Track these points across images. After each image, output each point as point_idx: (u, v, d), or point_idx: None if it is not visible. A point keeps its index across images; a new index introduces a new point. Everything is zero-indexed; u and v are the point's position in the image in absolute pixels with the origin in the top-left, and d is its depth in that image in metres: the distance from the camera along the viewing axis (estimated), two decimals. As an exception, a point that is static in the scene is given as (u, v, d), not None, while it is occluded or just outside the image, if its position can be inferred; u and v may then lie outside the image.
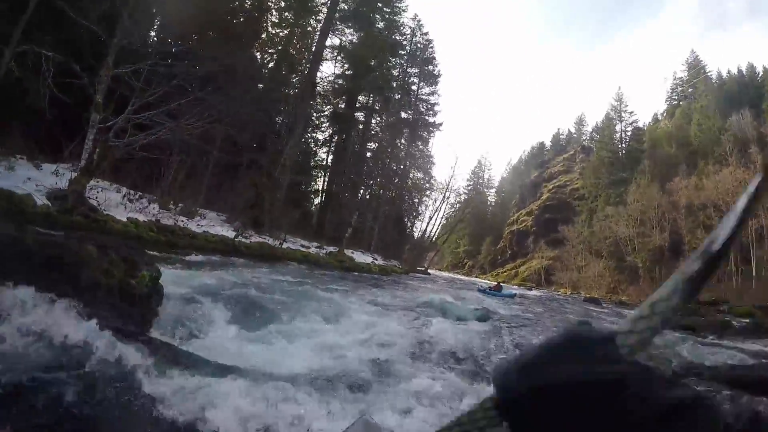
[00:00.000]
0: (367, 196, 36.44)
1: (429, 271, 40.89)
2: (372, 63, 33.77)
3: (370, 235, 34.52)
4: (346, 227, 28.22)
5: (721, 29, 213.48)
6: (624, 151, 59.43)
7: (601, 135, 65.47)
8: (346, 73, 35.43)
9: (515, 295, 22.04)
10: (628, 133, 61.63)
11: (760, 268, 34.96)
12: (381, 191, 38.23)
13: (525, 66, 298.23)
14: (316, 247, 23.17)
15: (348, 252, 25.05)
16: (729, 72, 61.41)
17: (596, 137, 73.82)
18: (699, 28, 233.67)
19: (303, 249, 20.74)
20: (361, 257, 26.03)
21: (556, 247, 61.25)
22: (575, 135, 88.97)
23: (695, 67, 67.05)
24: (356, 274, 19.31)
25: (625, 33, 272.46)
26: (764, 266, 34.40)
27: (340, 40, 34.30)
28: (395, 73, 40.08)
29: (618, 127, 62.77)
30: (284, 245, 19.78)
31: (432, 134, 43.98)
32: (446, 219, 46.17)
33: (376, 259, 29.43)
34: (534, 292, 35.95)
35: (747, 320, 18.20)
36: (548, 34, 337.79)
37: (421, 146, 43.60)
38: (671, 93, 71.56)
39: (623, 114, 62.78)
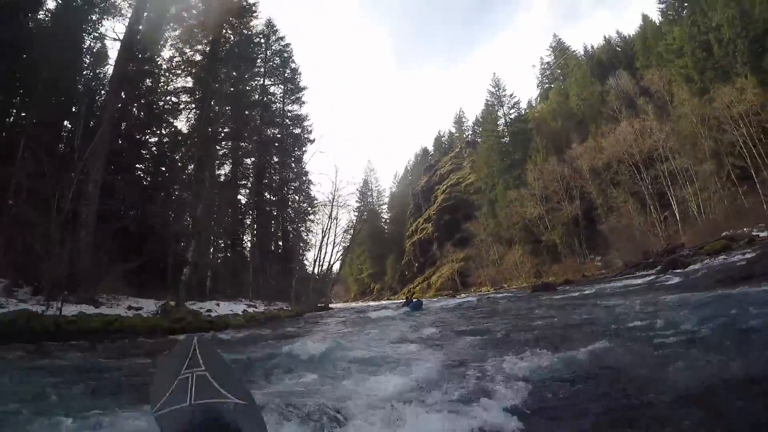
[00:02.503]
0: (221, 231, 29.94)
1: (331, 306, 35.55)
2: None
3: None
4: (185, 269, 19.63)
5: (575, 19, 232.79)
6: (511, 135, 57.89)
7: (485, 123, 63.93)
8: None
9: (421, 303, 21.39)
10: (512, 117, 60.52)
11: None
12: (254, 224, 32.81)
13: (397, 78, 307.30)
14: (161, 305, 15.45)
15: (207, 303, 18.32)
16: (592, 47, 64.35)
17: (479, 130, 73.25)
18: (555, 21, 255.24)
19: (128, 311, 13.85)
20: (228, 308, 18.95)
21: (464, 247, 57.90)
22: (456, 134, 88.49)
23: (560, 48, 69.40)
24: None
25: (489, 36, 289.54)
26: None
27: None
28: (253, 84, 34.47)
29: (500, 112, 61.48)
30: (99, 309, 12.96)
31: (304, 150, 38.10)
32: (342, 243, 40.01)
33: (255, 306, 22.69)
34: (465, 299, 30.29)
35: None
36: (418, 47, 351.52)
37: (294, 165, 37.29)
38: (541, 78, 74.07)
39: (504, 99, 61.75)
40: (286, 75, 37.88)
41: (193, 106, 27.06)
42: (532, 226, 46.81)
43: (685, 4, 43.89)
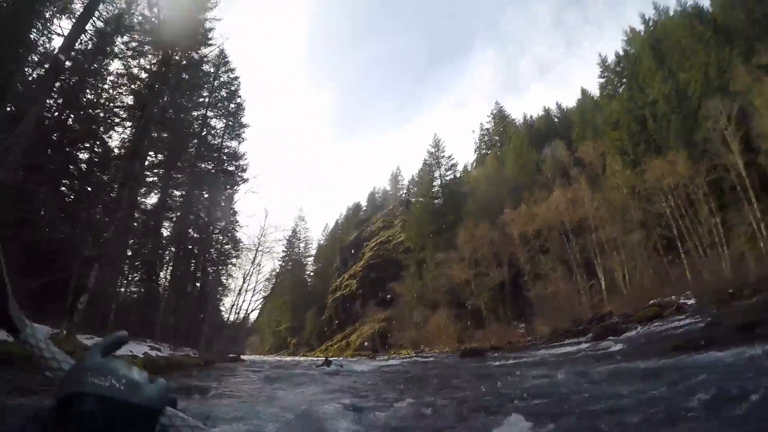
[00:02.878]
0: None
1: (243, 357, 32.79)
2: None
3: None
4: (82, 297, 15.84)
5: (516, 91, 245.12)
6: (445, 197, 58.05)
7: (421, 183, 63.97)
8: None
9: (341, 365, 21.37)
10: (448, 178, 61.00)
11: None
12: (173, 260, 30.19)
13: (337, 132, 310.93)
14: (53, 332, 13.40)
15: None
16: (531, 117, 66.76)
17: (413, 189, 73.22)
18: (497, 90, 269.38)
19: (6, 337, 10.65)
20: (128, 348, 15.54)
21: (387, 307, 56.02)
22: (391, 192, 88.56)
23: (500, 116, 71.24)
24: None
25: (433, 99, 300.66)
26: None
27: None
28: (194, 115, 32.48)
29: (437, 173, 61.84)
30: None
31: (236, 189, 35.87)
32: (263, 292, 37.32)
33: (159, 350, 19.76)
34: (387, 362, 28.59)
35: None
36: (362, 103, 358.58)
37: (223, 203, 34.81)
38: (479, 143, 74.95)
39: (441, 160, 62.32)
40: (230, 109, 35.95)
41: (129, 124, 24.75)
42: (458, 290, 45.71)
43: (624, 80, 45.90)
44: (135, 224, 26.65)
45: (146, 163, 27.52)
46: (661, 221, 33.37)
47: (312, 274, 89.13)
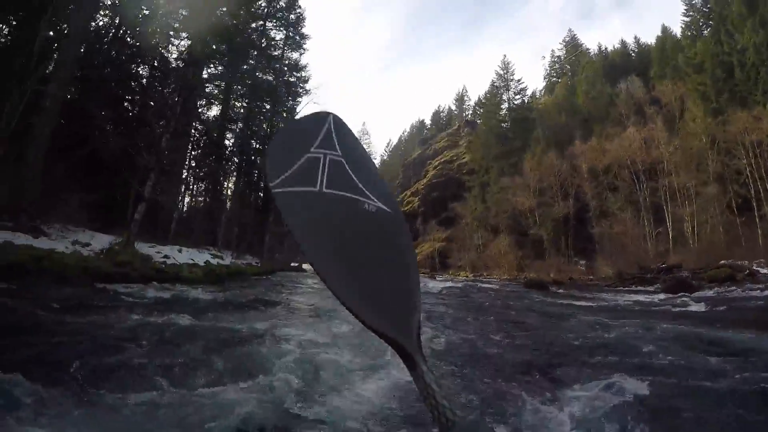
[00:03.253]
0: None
1: (305, 266, 32.75)
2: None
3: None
4: (139, 206, 15.79)
5: (590, 20, 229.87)
6: (513, 121, 56.60)
7: (488, 104, 62.48)
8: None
9: None
10: (516, 102, 59.19)
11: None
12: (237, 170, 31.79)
13: (402, 47, 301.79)
14: (115, 242, 13.37)
15: (167, 248, 16.12)
16: (606, 48, 63.25)
17: (479, 111, 71.86)
18: (570, 16, 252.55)
19: (71, 247, 11.54)
20: (189, 256, 16.72)
21: (448, 227, 57.10)
22: (456, 112, 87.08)
23: (573, 44, 68.29)
24: (142, 287, 10.38)
25: (501, 20, 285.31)
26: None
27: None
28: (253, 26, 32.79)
29: (505, 96, 60.11)
30: (38, 240, 10.99)
31: (298, 100, 36.50)
32: None
33: (221, 257, 20.44)
34: (446, 283, 28.22)
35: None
36: (429, 18, 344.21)
37: (285, 115, 35.41)
38: (549, 70, 72.80)
39: (510, 83, 60.24)
40: (290, 19, 36.02)
41: (185, 35, 25.30)
42: (520, 218, 46.09)
43: (710, 23, 42.54)
44: (196, 135, 27.82)
45: (205, 74, 28.62)
46: (738, 178, 32.02)
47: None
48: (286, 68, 35.68)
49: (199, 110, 28.17)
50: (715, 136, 33.54)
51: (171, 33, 24.84)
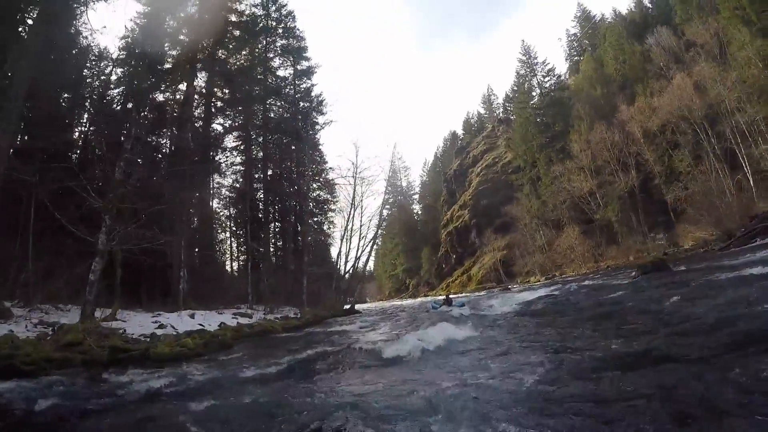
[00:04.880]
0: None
1: (357, 307, 29.96)
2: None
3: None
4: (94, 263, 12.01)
5: None
6: (547, 106, 53.07)
7: (518, 96, 59.42)
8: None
9: (464, 304, 16.57)
10: (547, 86, 55.80)
11: None
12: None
13: (419, 61, 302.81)
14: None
15: (170, 315, 13.49)
16: (619, 12, 59.72)
17: (510, 106, 69.17)
18: None
19: (32, 329, 9.60)
20: (200, 321, 13.78)
21: (506, 233, 53.65)
22: (486, 114, 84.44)
23: (585, 17, 66.14)
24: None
25: (510, 12, 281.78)
26: None
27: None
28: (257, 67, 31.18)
29: (534, 82, 56.93)
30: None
31: (318, 134, 34.84)
32: (370, 235, 35.20)
33: (248, 316, 17.51)
34: (521, 292, 22.24)
35: None
36: (440, 26, 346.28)
37: (311, 152, 33.32)
38: (569, 50, 70.53)
39: (536, 67, 57.08)
40: (290, 45, 34.01)
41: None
42: (582, 204, 42.60)
43: None
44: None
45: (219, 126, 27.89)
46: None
47: (419, 212, 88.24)
48: (299, 102, 33.77)
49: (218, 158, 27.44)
50: (770, 56, 29.80)
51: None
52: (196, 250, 23.60)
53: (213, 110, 27.47)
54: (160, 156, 21.96)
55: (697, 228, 28.69)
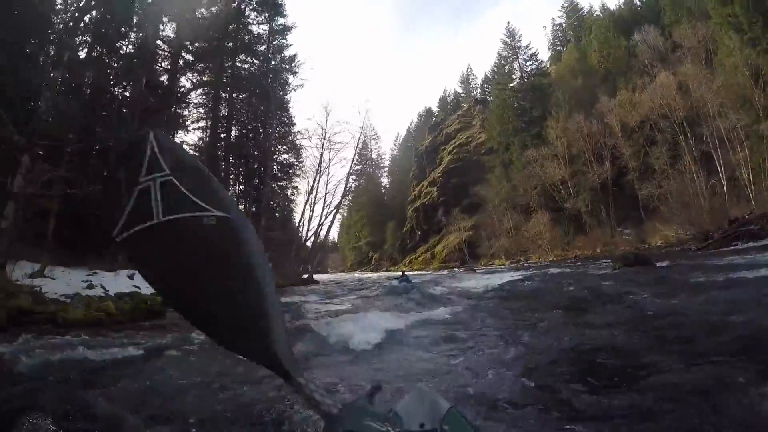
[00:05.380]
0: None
1: (317, 277, 30.03)
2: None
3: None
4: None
5: None
6: (528, 90, 52.68)
7: (498, 77, 58.90)
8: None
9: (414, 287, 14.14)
10: (528, 70, 55.40)
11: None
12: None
13: (399, 37, 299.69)
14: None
15: (107, 274, 12.06)
16: (606, 8, 59.47)
17: (488, 88, 68.90)
18: None
19: None
20: (140, 281, 12.10)
21: (473, 213, 53.55)
22: (463, 94, 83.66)
23: (572, 7, 65.82)
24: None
25: (493, 6, 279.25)
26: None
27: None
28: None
29: (516, 65, 56.42)
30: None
31: (288, 94, 33.51)
32: (334, 204, 33.95)
33: None
34: (486, 276, 20.86)
35: None
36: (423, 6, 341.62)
37: (279, 113, 31.93)
38: (552, 40, 70.31)
39: (519, 50, 56.47)
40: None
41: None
42: (553, 191, 42.76)
43: None
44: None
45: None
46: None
47: (387, 186, 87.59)
48: (271, 60, 32.08)
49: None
50: (759, 67, 29.80)
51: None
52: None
53: (181, 63, 25.81)
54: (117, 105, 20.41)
55: (668, 227, 28.91)
